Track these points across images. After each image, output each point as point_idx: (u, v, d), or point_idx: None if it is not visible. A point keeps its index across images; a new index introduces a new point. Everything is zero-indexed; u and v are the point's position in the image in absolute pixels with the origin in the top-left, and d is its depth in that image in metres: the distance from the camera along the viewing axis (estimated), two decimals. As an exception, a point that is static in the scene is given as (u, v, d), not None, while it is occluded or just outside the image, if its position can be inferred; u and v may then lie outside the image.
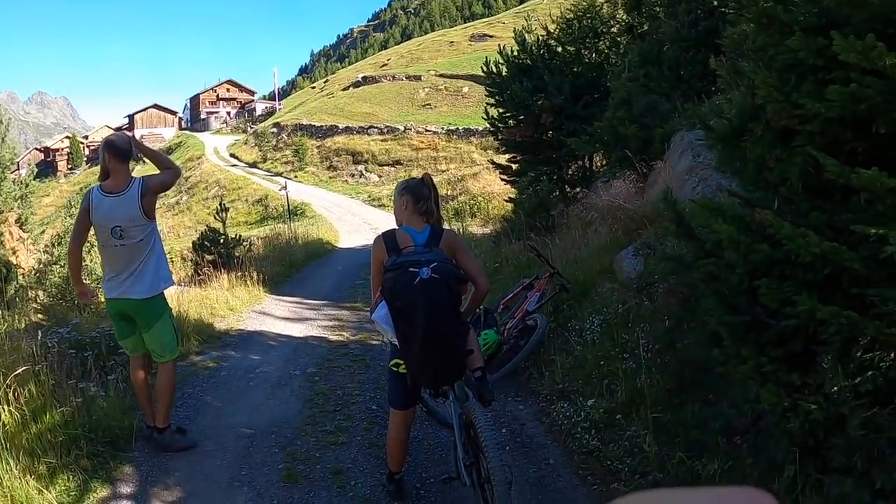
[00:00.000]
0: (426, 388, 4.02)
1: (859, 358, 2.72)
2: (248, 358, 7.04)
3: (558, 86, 11.41)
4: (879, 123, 2.70)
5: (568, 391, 5.63)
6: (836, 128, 2.95)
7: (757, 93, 3.51)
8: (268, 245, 16.25)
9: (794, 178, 3.30)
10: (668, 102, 8.56)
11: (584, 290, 7.19)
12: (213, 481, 4.36)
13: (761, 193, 3.73)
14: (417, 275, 3.47)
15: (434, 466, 4.67)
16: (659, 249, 6.11)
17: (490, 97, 12.58)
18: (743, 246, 3.27)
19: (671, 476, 3.88)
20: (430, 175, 4.14)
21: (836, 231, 2.97)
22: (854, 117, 2.81)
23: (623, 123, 8.61)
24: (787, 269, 3.10)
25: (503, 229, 13.33)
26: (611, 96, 9.48)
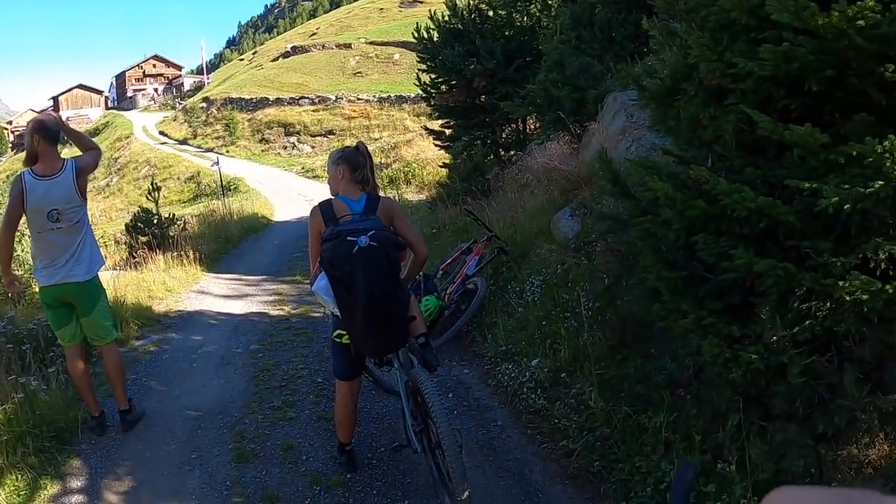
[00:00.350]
0: (370, 357, 4.01)
1: (797, 308, 2.83)
2: (189, 339, 6.92)
3: (490, 50, 11.38)
4: (811, 81, 2.78)
5: (511, 353, 5.70)
6: (769, 86, 3.02)
7: (690, 53, 3.55)
8: (203, 223, 15.88)
9: (727, 135, 3.37)
10: (600, 64, 8.63)
11: (523, 252, 7.26)
12: (163, 467, 4.29)
13: (695, 151, 3.80)
14: (355, 243, 3.43)
15: (383, 435, 4.69)
16: (595, 209, 6.20)
17: (422, 63, 12.48)
18: (679, 203, 3.32)
19: (618, 431, 3.98)
20: (364, 143, 4.10)
21: (771, 186, 3.05)
22: (786, 75, 2.87)
23: (556, 86, 8.65)
24: (724, 223, 3.18)
25: (439, 195, 13.32)
26: (543, 59, 9.51)
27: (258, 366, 6.09)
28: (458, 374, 5.78)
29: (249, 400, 5.31)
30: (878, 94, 2.76)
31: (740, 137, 3.32)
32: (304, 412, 5.08)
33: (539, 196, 8.31)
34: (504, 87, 11.38)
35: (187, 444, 4.58)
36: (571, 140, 8.59)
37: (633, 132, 6.91)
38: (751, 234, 3.00)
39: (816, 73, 2.79)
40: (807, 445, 2.90)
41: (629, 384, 4.25)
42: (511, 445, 4.48)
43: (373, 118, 41.61)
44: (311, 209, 3.78)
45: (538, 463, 4.22)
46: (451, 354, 6.20)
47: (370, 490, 4.00)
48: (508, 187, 9.63)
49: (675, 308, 3.41)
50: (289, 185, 28.97)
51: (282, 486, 4.05)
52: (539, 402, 4.81)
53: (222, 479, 4.12)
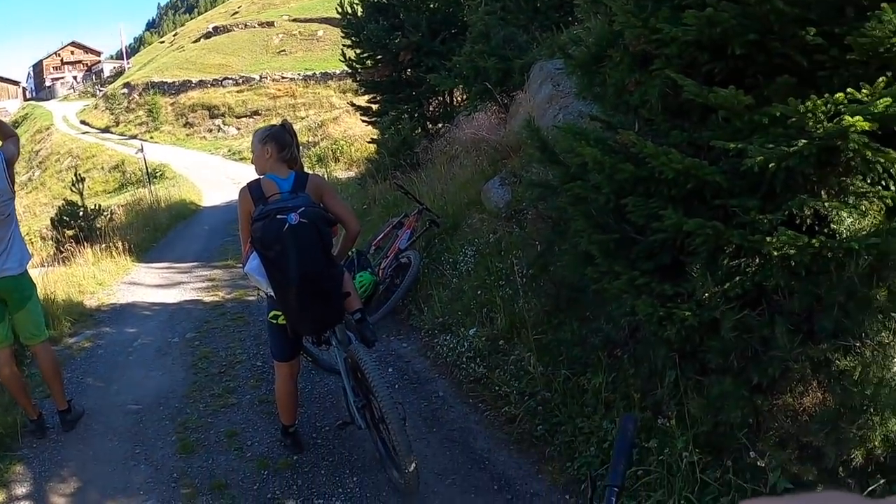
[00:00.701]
0: (307, 336, 3.97)
1: (726, 265, 2.92)
2: (124, 332, 6.73)
3: (415, 23, 11.30)
4: (735, 45, 2.85)
5: (449, 324, 5.74)
6: (693, 51, 3.08)
7: (615, 20, 3.60)
8: (130, 212, 15.44)
9: (653, 100, 3.43)
10: (526, 34, 8.67)
11: (455, 224, 7.30)
12: (108, 464, 4.17)
13: (622, 117, 3.87)
14: (286, 221, 3.39)
15: (326, 415, 4.67)
16: (525, 177, 6.25)
17: (347, 39, 12.29)
18: (608, 167, 3.37)
19: (559, 394, 4.06)
20: (289, 121, 4.04)
21: (697, 148, 3.13)
22: (710, 40, 2.94)
23: (482, 57, 8.66)
24: (652, 186, 3.25)
25: (368, 171, 13.24)
26: (468, 30, 9.49)
27: (196, 354, 5.98)
28: (397, 348, 5.79)
29: (189, 389, 5.21)
30: (801, 57, 2.85)
31: (666, 102, 3.39)
32: (246, 397, 5.02)
33: (468, 167, 8.34)
34: (430, 59, 11.33)
35: (130, 440, 4.47)
36: (499, 110, 8.63)
37: (560, 100, 6.98)
38: (679, 195, 3.08)
39: (739, 38, 2.86)
40: (743, 397, 3.01)
41: (567, 348, 4.33)
42: (454, 415, 4.53)
43: (298, 97, 40.87)
44: (240, 190, 3.69)
45: (482, 431, 4.28)
46: (389, 329, 6.20)
47: (318, 470, 3.98)
48: (437, 160, 9.63)
49: (608, 270, 3.48)
50: (215, 169, 28.33)
51: (229, 473, 4.00)
52: (479, 370, 4.86)
53: (169, 472, 4.04)
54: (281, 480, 3.90)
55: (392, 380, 5.03)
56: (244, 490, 3.82)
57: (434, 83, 10.37)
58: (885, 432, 2.66)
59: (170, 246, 11.67)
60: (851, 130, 2.51)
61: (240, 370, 5.55)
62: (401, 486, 3.60)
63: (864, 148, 2.57)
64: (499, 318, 5.14)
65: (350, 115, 23.00)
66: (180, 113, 43.44)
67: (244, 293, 7.87)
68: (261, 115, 39.73)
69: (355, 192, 12.02)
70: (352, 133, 26.45)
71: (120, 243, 10.67)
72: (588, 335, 4.27)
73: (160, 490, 3.85)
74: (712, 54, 3.09)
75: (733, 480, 3.02)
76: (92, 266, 9.44)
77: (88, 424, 4.67)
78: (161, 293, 8.18)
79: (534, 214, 5.77)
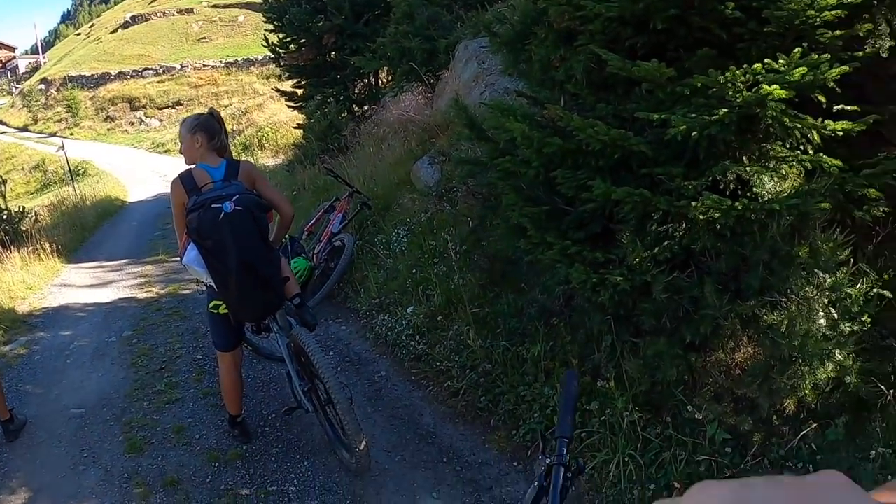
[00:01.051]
0: (249, 323, 3.96)
1: (655, 231, 3.05)
2: (59, 336, 6.52)
3: (338, 5, 11.19)
4: (657, 20, 2.97)
5: (386, 304, 5.79)
6: (616, 26, 3.19)
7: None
8: (55, 212, 14.80)
9: (578, 74, 3.54)
10: (450, 13, 8.72)
11: (386, 205, 7.35)
12: (57, 471, 4.07)
13: (548, 92, 3.96)
14: (221, 210, 3.37)
15: (271, 403, 4.68)
16: (454, 155, 6.32)
17: (269, 23, 12.08)
18: (536, 141, 3.46)
19: (499, 365, 4.17)
20: (216, 109, 4.01)
21: (622, 120, 3.25)
22: (633, 15, 3.05)
23: (407, 37, 8.70)
24: (580, 158, 3.35)
25: (296, 156, 13.12)
26: (392, 11, 9.48)
27: (134, 352, 5.87)
28: (336, 332, 5.82)
29: (131, 388, 5.12)
30: (720, 30, 3.00)
31: (591, 76, 3.50)
32: (189, 392, 4.97)
33: (397, 148, 8.38)
34: (354, 42, 11.26)
35: (76, 444, 4.37)
36: (425, 90, 8.68)
37: (486, 78, 7.07)
38: (606, 165, 3.19)
39: (661, 13, 2.98)
40: (677, 356, 3.16)
41: (504, 319, 4.44)
42: (398, 393, 4.60)
43: (221, 84, 39.79)
44: (172, 181, 3.65)
45: (427, 406, 4.36)
46: (327, 313, 6.21)
47: (268, 457, 4.00)
48: (366, 142, 9.63)
49: (541, 242, 3.58)
50: (139, 163, 27.46)
51: (180, 468, 3.97)
52: (419, 347, 4.94)
53: (119, 473, 3.98)
54: (233, 471, 3.90)
55: (334, 363, 5.05)
56: (197, 484, 3.80)
57: (359, 65, 10.33)
58: (813, 381, 2.84)
59: (99, 245, 11.34)
60: (769, 99, 2.66)
61: (181, 365, 5.48)
62: (352, 465, 3.65)
63: (782, 115, 2.72)
64: (435, 295, 5.21)
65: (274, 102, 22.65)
66: (100, 107, 41.74)
67: (178, 288, 7.74)
68: (183, 105, 38.58)
69: (284, 179, 11.89)
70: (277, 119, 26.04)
71: (47, 245, 10.27)
72: (524, 306, 4.39)
73: (112, 492, 3.80)
74: (635, 29, 3.21)
75: (673, 436, 3.18)
76: (20, 270, 9.07)
77: (32, 432, 4.55)
78: (94, 293, 7.95)
79: (464, 191, 5.85)
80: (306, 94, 12.59)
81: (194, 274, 3.65)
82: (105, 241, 11.59)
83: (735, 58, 3.01)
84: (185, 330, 6.28)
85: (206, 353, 5.56)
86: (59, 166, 26.30)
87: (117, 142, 36.27)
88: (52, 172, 29.90)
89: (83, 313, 7.18)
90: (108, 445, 4.30)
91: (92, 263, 9.86)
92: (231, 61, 41.86)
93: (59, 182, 25.91)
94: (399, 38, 8.80)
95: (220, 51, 45.13)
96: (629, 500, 3.16)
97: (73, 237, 11.55)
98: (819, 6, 2.84)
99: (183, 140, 3.75)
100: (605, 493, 3.24)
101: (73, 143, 29.65)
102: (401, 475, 3.70)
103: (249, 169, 3.82)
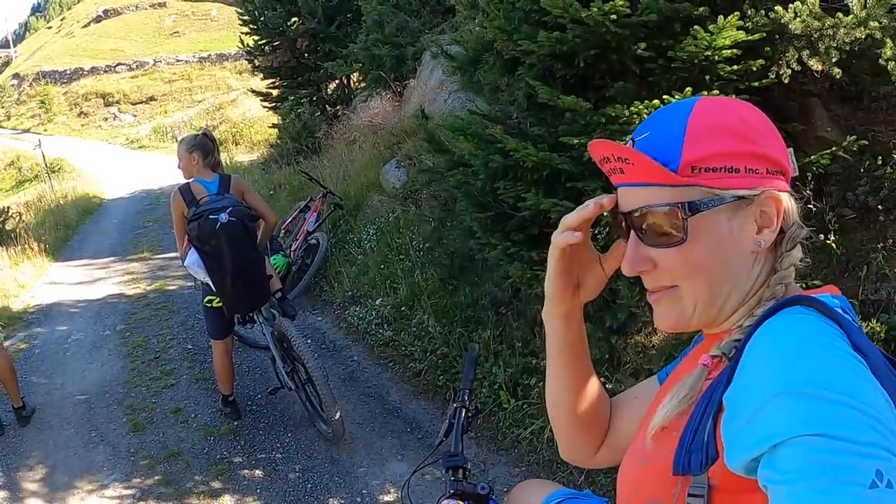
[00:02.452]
0: (241, 315, 4.54)
1: (579, 235, 3.66)
2: (55, 330, 6.94)
3: (311, 9, 11.59)
4: (581, 57, 3.56)
5: (357, 296, 6.39)
6: (550, 60, 3.78)
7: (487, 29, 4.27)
8: (36, 211, 14.90)
9: (520, 99, 4.14)
10: (417, 20, 9.18)
11: (357, 205, 7.91)
12: (69, 450, 4.58)
13: (497, 111, 4.58)
14: (217, 220, 4.01)
15: (256, 385, 5.25)
16: (417, 163, 6.93)
17: (245, 26, 12.41)
18: (482, 158, 4.10)
19: (455, 348, 4.80)
20: (209, 129, 4.63)
21: (555, 139, 3.85)
22: (562, 52, 3.64)
23: (377, 45, 9.16)
24: (518, 172, 3.98)
25: (271, 155, 13.56)
26: (363, 18, 9.91)
27: (129, 344, 6.33)
28: (313, 322, 6.39)
29: (130, 376, 5.62)
30: (635, 66, 3.61)
31: (530, 101, 4.10)
32: (183, 377, 5.50)
33: (367, 151, 8.91)
34: (327, 44, 11.70)
35: (84, 426, 4.88)
36: (393, 97, 9.17)
37: (450, 86, 7.56)
38: (540, 179, 3.81)
39: (584, 52, 3.56)
40: (601, 338, 3.79)
41: (461, 309, 5.08)
42: (368, 375, 5.21)
43: (194, 79, 39.38)
44: (172, 194, 4.32)
45: (394, 386, 4.99)
46: (304, 305, 6.77)
47: (257, 431, 4.59)
48: (338, 144, 10.12)
49: (488, 242, 4.22)
50: (115, 159, 27.27)
51: (180, 442, 4.54)
52: (387, 335, 5.56)
53: (126, 448, 4.52)
54: (226, 443, 4.48)
55: (313, 347, 5.63)
56: (196, 455, 4.38)
57: (332, 70, 10.82)
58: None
59: (83, 243, 11.61)
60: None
61: (173, 354, 5.99)
62: (329, 435, 4.26)
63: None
64: (401, 288, 5.81)
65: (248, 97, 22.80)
66: (74, 102, 41.02)
67: (164, 284, 8.18)
68: (157, 100, 38.07)
69: (260, 178, 12.28)
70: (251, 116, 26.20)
71: (35, 244, 10.56)
72: (478, 297, 5.02)
73: (121, 465, 4.34)
74: (565, 63, 3.79)
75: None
76: (11, 269, 9.40)
77: (42, 418, 5.03)
78: (84, 290, 8.34)
79: (426, 195, 6.45)
80: (281, 94, 12.97)
81: (194, 274, 4.26)
82: (89, 239, 11.88)
83: (650, 88, 3.63)
84: (175, 323, 6.76)
85: (196, 343, 6.11)
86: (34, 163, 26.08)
87: (91, 138, 35.95)
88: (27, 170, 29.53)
89: (76, 309, 7.60)
90: (114, 426, 4.84)
91: (79, 261, 10.19)
92: (204, 56, 41.47)
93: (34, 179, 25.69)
94: (370, 45, 9.26)
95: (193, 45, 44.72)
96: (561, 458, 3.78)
97: (59, 236, 11.75)
98: (716, 46, 3.45)
99: (181, 158, 4.36)
100: (541, 453, 3.87)
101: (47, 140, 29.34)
102: (371, 443, 4.31)
103: (239, 182, 4.47)
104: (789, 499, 0.65)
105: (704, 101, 0.90)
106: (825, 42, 3.10)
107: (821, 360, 0.72)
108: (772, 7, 3.23)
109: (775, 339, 0.78)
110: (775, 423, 0.69)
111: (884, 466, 0.63)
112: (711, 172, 0.85)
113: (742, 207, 0.86)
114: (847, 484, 0.63)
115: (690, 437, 0.85)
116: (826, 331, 0.77)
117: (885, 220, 3.46)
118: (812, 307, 0.81)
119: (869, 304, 3.25)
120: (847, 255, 3.48)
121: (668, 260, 0.90)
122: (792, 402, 0.69)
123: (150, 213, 13.18)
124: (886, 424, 0.67)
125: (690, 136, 0.86)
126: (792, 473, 0.66)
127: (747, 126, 0.87)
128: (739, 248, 0.88)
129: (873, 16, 2.89)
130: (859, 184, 3.53)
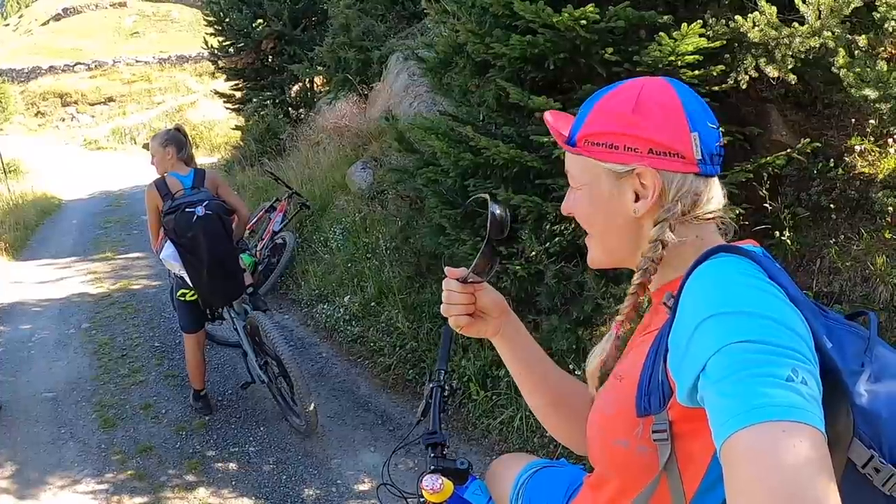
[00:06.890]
0: (216, 307, 4.58)
1: (548, 229, 3.82)
2: (18, 329, 6.84)
3: (277, 12, 11.59)
4: (551, 61, 3.71)
5: (325, 294, 6.47)
6: (520, 63, 3.92)
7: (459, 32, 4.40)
8: None
9: (490, 100, 4.28)
10: (384, 24, 9.30)
11: (323, 205, 7.99)
12: (38, 446, 4.54)
13: (466, 112, 4.71)
14: (194, 213, 4.06)
15: (226, 381, 5.28)
16: (385, 163, 7.03)
17: (210, 27, 12.34)
18: (453, 156, 4.23)
19: (423, 343, 4.92)
20: (181, 125, 4.68)
21: (525, 139, 4.00)
22: (532, 56, 3.78)
23: (343, 48, 9.25)
24: (489, 170, 4.14)
25: (234, 157, 13.50)
26: (329, 21, 9.98)
27: (95, 342, 6.28)
28: (280, 320, 6.42)
29: (97, 373, 5.59)
30: (602, 69, 3.76)
31: (500, 101, 4.23)
32: (152, 374, 5.49)
33: (332, 152, 8.98)
34: (292, 47, 11.72)
35: (53, 423, 4.84)
36: (359, 99, 9.26)
37: (416, 89, 7.69)
38: (510, 176, 3.97)
39: (554, 55, 3.71)
40: (568, 329, 3.94)
41: (428, 305, 5.20)
42: (338, 370, 5.29)
43: (154, 81, 38.75)
44: (147, 187, 4.34)
45: (364, 380, 5.08)
46: (271, 304, 6.72)
47: (229, 426, 4.62)
48: (302, 145, 10.17)
49: (457, 238, 4.36)
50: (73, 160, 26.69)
51: (151, 437, 4.54)
52: (355, 331, 5.65)
53: (96, 445, 4.50)
54: (199, 437, 4.50)
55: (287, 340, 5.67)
56: (168, 449, 4.39)
57: (297, 73, 10.87)
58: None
59: (43, 243, 11.41)
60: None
61: (140, 352, 5.96)
62: (302, 428, 4.32)
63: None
64: (369, 285, 5.90)
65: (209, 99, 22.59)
66: (31, 102, 40.04)
67: (128, 283, 8.13)
68: (115, 101, 37.31)
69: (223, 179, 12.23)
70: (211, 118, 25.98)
71: None
72: (446, 294, 5.13)
73: (92, 461, 4.33)
74: (535, 66, 3.94)
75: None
76: None
77: (9, 415, 4.97)
78: (47, 289, 8.22)
79: (394, 195, 6.55)
80: (245, 96, 12.94)
81: (170, 266, 4.30)
82: (49, 239, 11.70)
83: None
84: (141, 321, 6.73)
85: (163, 341, 6.11)
86: (-9, 163, 25.41)
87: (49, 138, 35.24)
88: (-17, 170, 28.72)
89: (39, 308, 7.50)
90: (83, 423, 4.82)
91: (40, 261, 10.04)
92: (164, 57, 40.91)
93: (-10, 179, 25.01)
94: (336, 48, 9.35)
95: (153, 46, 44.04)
96: (531, 445, 3.91)
97: (18, 236, 11.55)
98: (679, 52, 3.63)
99: (155, 153, 4.40)
100: (511, 441, 4.00)
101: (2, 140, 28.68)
102: (343, 435, 4.39)
103: (213, 177, 4.55)
104: (715, 396, 0.76)
105: (622, 85, 1.09)
106: (781, 50, 3.29)
107: (737, 287, 0.86)
108: (732, 16, 3.42)
109: (700, 279, 0.92)
110: (703, 344, 0.82)
111: (799, 366, 0.75)
112: (596, 147, 1.06)
113: (622, 177, 1.05)
114: (765, 377, 0.73)
115: (647, 381, 0.99)
116: (745, 266, 0.90)
117: (836, 218, 3.68)
118: (733, 252, 0.94)
119: (823, 296, 3.45)
120: (801, 251, 3.68)
121: (574, 207, 1.14)
122: (714, 324, 0.82)
123: (111, 215, 13.01)
124: (802, 337, 0.80)
125: (591, 116, 1.08)
126: (717, 376, 0.77)
127: (641, 112, 1.03)
128: (622, 211, 1.07)
129: (827, 26, 3.08)
130: (812, 184, 3.74)
